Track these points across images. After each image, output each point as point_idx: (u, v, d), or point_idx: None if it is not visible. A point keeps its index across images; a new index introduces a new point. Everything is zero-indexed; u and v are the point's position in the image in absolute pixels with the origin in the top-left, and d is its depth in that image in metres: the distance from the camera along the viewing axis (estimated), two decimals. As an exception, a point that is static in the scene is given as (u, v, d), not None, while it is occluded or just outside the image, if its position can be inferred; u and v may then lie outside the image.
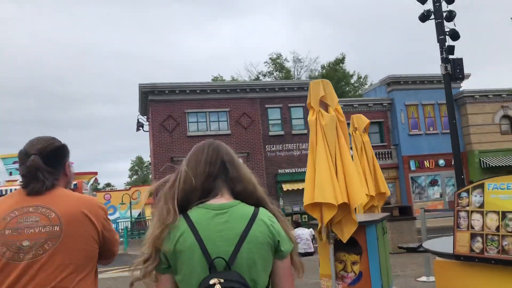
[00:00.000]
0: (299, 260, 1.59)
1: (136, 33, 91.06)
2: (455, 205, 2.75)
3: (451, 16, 12.24)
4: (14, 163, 22.42)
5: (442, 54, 12.09)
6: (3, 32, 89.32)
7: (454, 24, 12.26)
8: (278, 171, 22.32)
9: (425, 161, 24.58)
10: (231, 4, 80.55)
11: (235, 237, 1.44)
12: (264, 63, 42.94)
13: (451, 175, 24.70)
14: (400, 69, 76.26)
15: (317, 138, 4.49)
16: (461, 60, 12.05)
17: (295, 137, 22.76)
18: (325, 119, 4.44)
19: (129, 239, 19.87)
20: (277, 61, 41.42)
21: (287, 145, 22.59)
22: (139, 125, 24.00)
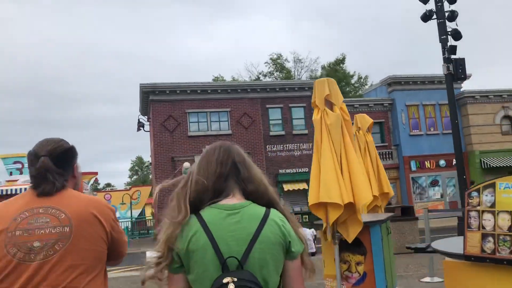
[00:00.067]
0: (309, 261, 1.59)
1: (136, 33, 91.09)
2: (465, 205, 2.71)
3: (453, 16, 12.21)
4: (14, 163, 22.38)
5: (444, 54, 12.06)
6: (3, 32, 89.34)
7: (456, 24, 12.23)
8: (278, 171, 22.28)
9: (426, 162, 24.55)
10: (231, 4, 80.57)
11: (247, 237, 1.44)
12: (264, 63, 42.93)
13: (452, 175, 24.67)
14: (400, 69, 76.35)
15: (322, 137, 4.44)
16: (463, 60, 12.01)
17: (296, 137, 22.72)
18: (330, 118, 4.39)
19: (130, 239, 19.84)
20: (278, 61, 41.39)
21: (287, 145, 22.55)
22: (140, 125, 23.96)
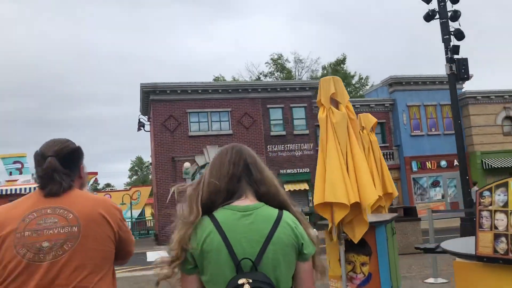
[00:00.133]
0: (321, 263, 1.60)
1: (136, 33, 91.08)
2: (476, 204, 2.66)
3: (456, 15, 12.16)
4: (14, 163, 22.37)
5: (447, 54, 12.00)
6: (4, 32, 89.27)
7: (459, 24, 12.18)
8: (279, 171, 22.20)
9: (427, 162, 24.48)
10: (231, 4, 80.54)
11: (261, 238, 1.46)
12: (265, 63, 42.85)
13: (453, 176, 24.62)
14: (401, 70, 76.27)
15: (327, 135, 4.39)
16: (466, 60, 11.96)
17: (297, 138, 22.65)
18: (336, 116, 4.34)
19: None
20: (278, 61, 41.34)
21: (288, 145, 22.48)
22: (140, 125, 23.88)
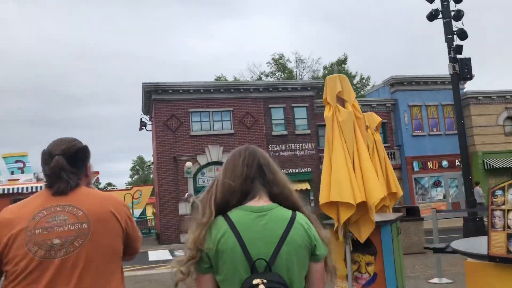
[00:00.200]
0: (332, 264, 1.62)
1: (136, 33, 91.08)
2: (488, 204, 2.62)
3: (459, 15, 12.11)
4: (15, 162, 22.39)
5: (450, 53, 11.96)
6: (5, 32, 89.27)
7: (462, 23, 12.13)
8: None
9: (429, 162, 24.43)
10: (232, 4, 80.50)
11: (275, 239, 1.47)
12: (266, 63, 42.73)
13: (454, 176, 24.59)
14: (401, 70, 76.16)
15: (333, 134, 4.35)
16: (469, 59, 11.91)
17: (299, 137, 22.60)
18: (343, 115, 4.30)
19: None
20: (280, 61, 41.27)
21: (290, 145, 22.44)
22: (142, 125, 23.87)
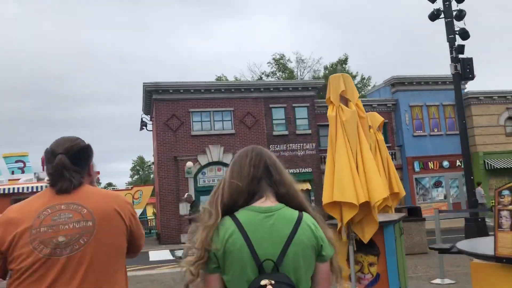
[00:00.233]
0: (338, 265, 1.63)
1: (136, 33, 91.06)
2: (495, 204, 2.60)
3: (461, 15, 12.07)
4: (16, 162, 22.35)
5: (451, 53, 11.92)
6: (5, 31, 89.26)
7: (464, 23, 12.10)
8: (281, 171, 22.11)
9: (429, 163, 24.39)
10: (232, 4, 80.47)
11: (282, 239, 1.48)
12: (267, 63, 42.63)
13: (455, 176, 24.55)
14: (401, 70, 76.09)
15: (337, 134, 4.33)
16: (471, 59, 11.87)
17: (299, 137, 22.57)
18: (346, 114, 4.28)
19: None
20: (280, 61, 41.20)
21: (291, 145, 22.40)
22: (143, 124, 23.82)
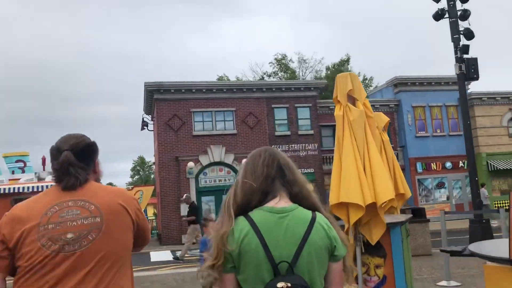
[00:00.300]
0: (350, 265, 1.63)
1: (138, 32, 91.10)
2: (510, 206, 2.52)
3: (465, 15, 11.99)
4: (16, 161, 22.31)
5: (456, 53, 11.84)
6: (6, 31, 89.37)
7: (468, 23, 12.03)
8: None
9: (432, 164, 24.30)
10: (233, 4, 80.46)
11: (296, 240, 1.49)
12: (269, 63, 42.65)
13: (458, 177, 24.46)
14: (404, 71, 75.92)
15: (344, 134, 4.26)
16: (475, 59, 11.79)
17: (302, 138, 22.50)
18: (354, 114, 4.20)
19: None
20: (282, 61, 41.17)
21: (293, 145, 22.32)
22: (144, 124, 23.75)
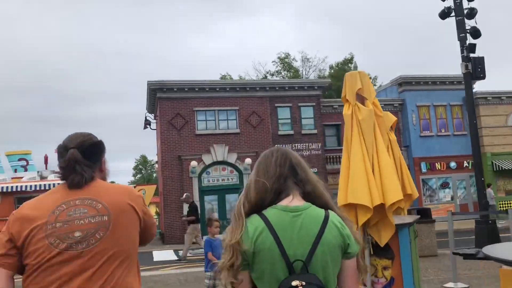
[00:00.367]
0: (363, 262, 1.63)
1: (141, 31, 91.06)
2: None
3: (472, 13, 11.87)
4: (19, 160, 22.30)
5: (462, 52, 11.72)
6: (8, 29, 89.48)
7: (475, 21, 11.90)
8: (287, 171, 21.93)
9: (436, 163, 24.15)
10: (237, 3, 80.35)
11: (310, 239, 1.49)
12: (272, 62, 42.54)
13: (463, 177, 24.31)
14: (410, 69, 75.63)
15: (352, 133, 4.18)
16: (482, 58, 11.66)
17: (305, 137, 22.38)
18: (363, 113, 4.12)
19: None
20: (286, 60, 41.06)
21: (296, 144, 22.20)
22: (147, 123, 23.69)
